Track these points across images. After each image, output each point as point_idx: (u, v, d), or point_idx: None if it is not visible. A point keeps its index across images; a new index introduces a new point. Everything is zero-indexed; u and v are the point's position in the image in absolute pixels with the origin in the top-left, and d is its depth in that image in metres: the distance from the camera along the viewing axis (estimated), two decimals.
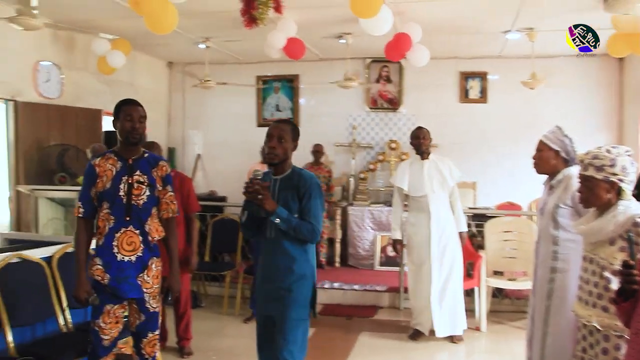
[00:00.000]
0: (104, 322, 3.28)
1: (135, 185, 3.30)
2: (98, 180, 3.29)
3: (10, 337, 3.56)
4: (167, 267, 3.49)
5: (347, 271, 7.95)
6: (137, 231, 3.30)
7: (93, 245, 3.35)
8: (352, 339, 5.57)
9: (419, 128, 5.45)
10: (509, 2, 6.02)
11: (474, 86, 8.94)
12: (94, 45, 6.74)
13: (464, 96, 8.96)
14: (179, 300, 4.95)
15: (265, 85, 9.50)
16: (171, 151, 9.67)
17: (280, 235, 3.18)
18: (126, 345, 3.72)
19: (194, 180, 9.38)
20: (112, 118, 3.39)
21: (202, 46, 7.94)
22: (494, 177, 8.61)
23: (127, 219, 3.27)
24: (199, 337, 5.39)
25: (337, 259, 8.27)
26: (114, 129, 3.39)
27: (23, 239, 4.97)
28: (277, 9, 4.08)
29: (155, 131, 8.86)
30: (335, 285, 6.90)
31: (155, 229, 3.38)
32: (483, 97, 8.90)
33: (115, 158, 3.35)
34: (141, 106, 3.46)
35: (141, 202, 3.31)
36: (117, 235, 3.25)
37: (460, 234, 5.40)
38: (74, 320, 4.07)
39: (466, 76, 8.93)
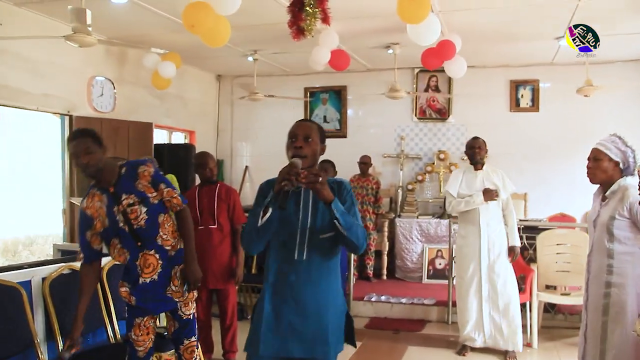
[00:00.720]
0: (136, 334, 3.34)
1: (129, 210, 3.22)
2: (96, 222, 3.26)
3: (61, 347, 3.63)
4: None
5: (394, 284, 7.87)
6: (152, 251, 3.31)
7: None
8: (399, 353, 5.48)
9: (475, 138, 5.36)
10: (561, 8, 5.87)
11: (525, 95, 8.75)
12: (145, 59, 6.89)
13: (515, 105, 8.78)
14: (226, 312, 4.98)
15: (312, 98, 9.52)
16: (219, 163, 9.79)
17: (313, 256, 2.59)
18: (172, 358, 3.76)
19: (242, 192, 9.48)
20: None
21: (250, 59, 8.03)
22: (547, 188, 8.38)
23: (139, 244, 3.28)
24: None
25: (384, 272, 8.20)
26: (165, 142, 3.41)
27: (74, 250, 5.08)
28: (325, 20, 4.09)
29: (203, 143, 9.02)
30: (382, 298, 6.82)
31: (168, 236, 3.38)
32: (534, 105, 8.70)
33: (99, 192, 3.28)
34: (84, 136, 3.18)
35: (143, 222, 3.25)
36: (137, 262, 3.30)
37: (513, 247, 5.24)
38: (121, 332, 4.14)
39: (517, 84, 8.76)
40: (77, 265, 4.00)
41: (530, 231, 6.35)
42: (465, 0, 5.64)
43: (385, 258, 8.20)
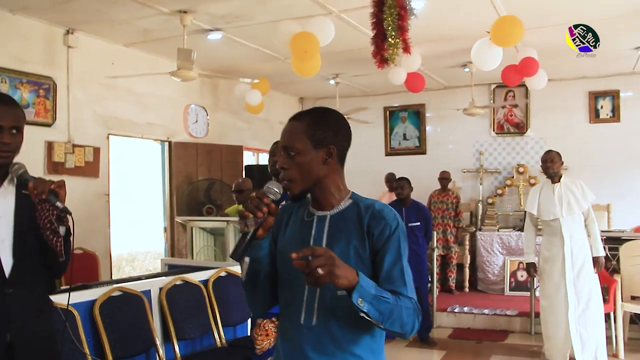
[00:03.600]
0: (256, 333, 3.76)
1: None
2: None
3: (177, 349, 4.12)
4: None
5: (476, 296, 8.02)
6: None
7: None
8: None
9: (547, 151, 5.42)
10: (636, 20, 5.93)
11: (605, 105, 8.72)
12: (237, 88, 7.43)
13: (595, 116, 8.76)
14: None
15: (392, 118, 9.85)
16: None
17: (330, 321, 1.73)
18: None
19: None
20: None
21: (332, 82, 8.47)
22: (630, 198, 8.31)
23: None
24: None
25: (467, 284, 8.36)
26: (253, 164, 3.84)
27: (179, 264, 5.62)
28: (406, 49, 4.40)
29: None
30: (465, 309, 7.00)
31: None
32: (615, 116, 8.66)
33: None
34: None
35: None
36: None
37: (598, 258, 5.21)
38: (226, 337, 4.59)
39: (596, 95, 8.74)
40: (187, 276, 4.51)
41: (613, 242, 6.38)
42: (540, 17, 5.81)
43: (467, 271, 8.37)
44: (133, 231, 9.45)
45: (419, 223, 6.15)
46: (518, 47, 6.63)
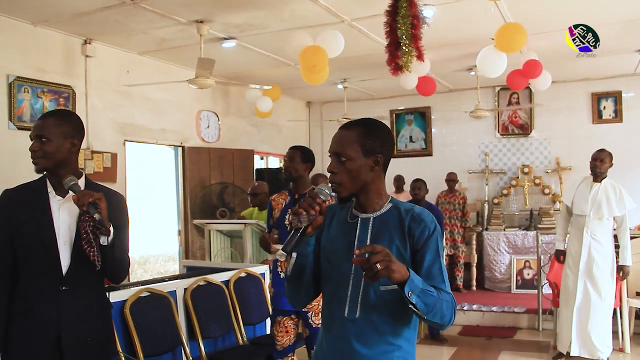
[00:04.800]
0: (276, 330, 3.94)
1: None
2: (274, 212, 3.97)
3: (202, 347, 4.29)
4: None
5: (484, 294, 8.18)
6: None
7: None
8: (492, 358, 5.82)
9: (600, 150, 5.37)
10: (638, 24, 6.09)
11: (608, 106, 8.88)
12: (248, 94, 7.60)
13: (597, 117, 8.93)
14: None
15: (398, 121, 10.02)
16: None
17: (372, 314, 1.89)
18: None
19: None
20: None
21: (340, 86, 8.65)
22: (633, 197, 8.36)
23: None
24: None
25: (474, 283, 8.52)
26: (263, 167, 4.06)
27: (198, 266, 5.78)
28: (419, 57, 4.57)
29: None
30: (474, 307, 7.16)
31: None
32: (618, 116, 8.82)
33: (287, 193, 4.00)
34: (296, 149, 4.05)
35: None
36: None
37: (623, 267, 5.27)
38: (248, 335, 4.76)
39: (598, 96, 8.91)
40: (210, 277, 4.68)
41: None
42: (543, 22, 5.96)
43: (474, 269, 8.53)
44: (146, 234, 9.62)
45: None
46: (523, 51, 6.81)
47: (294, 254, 1.89)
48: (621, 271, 5.28)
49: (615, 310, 5.78)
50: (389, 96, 9.75)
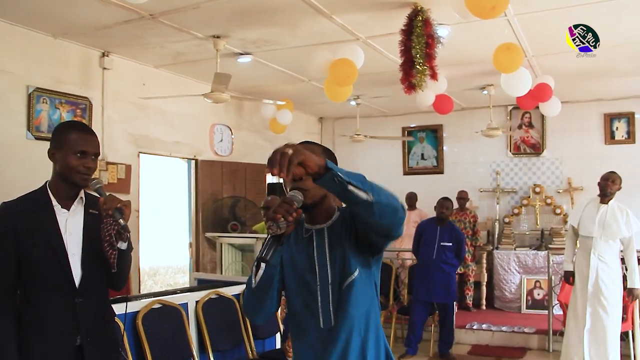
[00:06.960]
0: (288, 345, 3.94)
1: None
2: None
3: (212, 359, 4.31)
4: None
5: (493, 313, 8.14)
6: None
7: None
8: None
9: (611, 172, 5.38)
10: None
11: (620, 127, 8.88)
12: (264, 109, 7.64)
13: (610, 138, 8.92)
14: None
15: (410, 138, 10.05)
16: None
17: (344, 320, 1.99)
18: None
19: None
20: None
21: (353, 103, 8.69)
22: None
23: None
24: None
25: (484, 302, 8.49)
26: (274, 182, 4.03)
27: (209, 279, 5.81)
28: (433, 76, 4.61)
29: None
30: (484, 326, 7.13)
31: None
32: (630, 137, 8.81)
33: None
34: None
35: None
36: None
37: (632, 290, 5.24)
38: (257, 350, 4.77)
39: (611, 117, 8.91)
40: (222, 290, 4.70)
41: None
42: (557, 44, 5.98)
43: (484, 289, 8.50)
44: (156, 246, 9.65)
45: (450, 244, 6.23)
46: (537, 72, 6.85)
47: (262, 264, 1.95)
48: (631, 294, 5.26)
49: (627, 333, 5.76)
50: (400, 113, 9.80)
